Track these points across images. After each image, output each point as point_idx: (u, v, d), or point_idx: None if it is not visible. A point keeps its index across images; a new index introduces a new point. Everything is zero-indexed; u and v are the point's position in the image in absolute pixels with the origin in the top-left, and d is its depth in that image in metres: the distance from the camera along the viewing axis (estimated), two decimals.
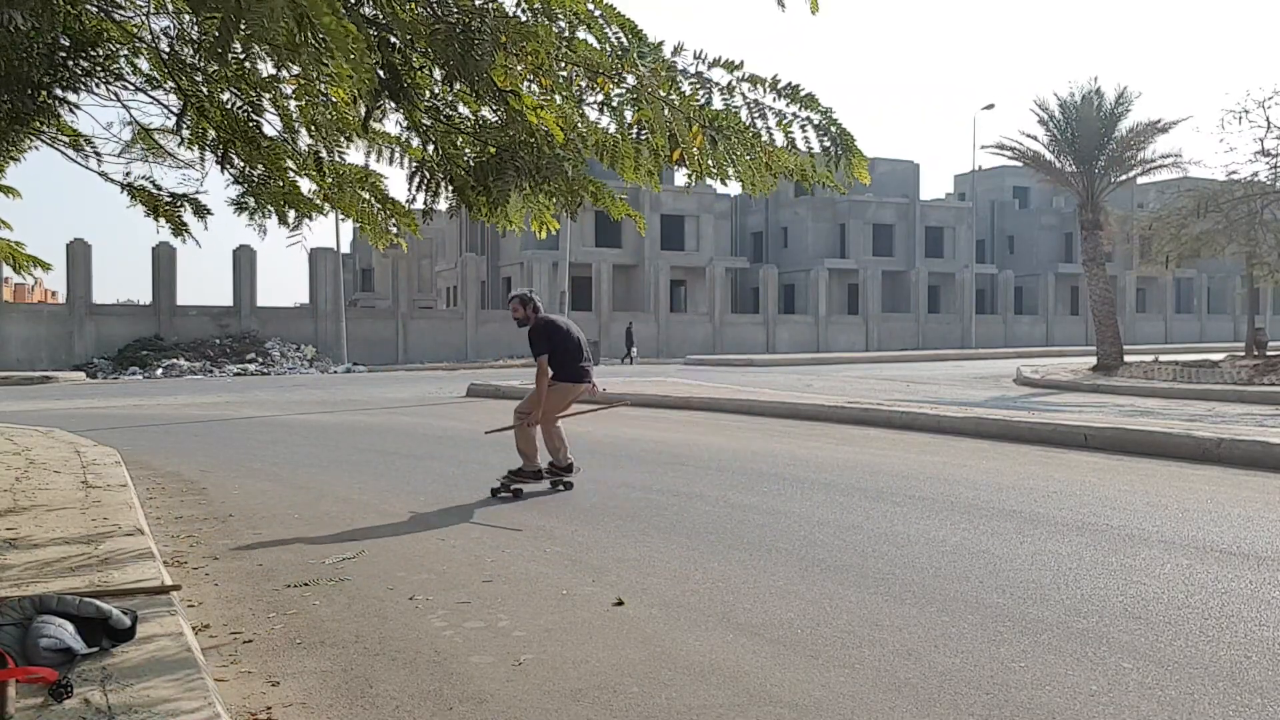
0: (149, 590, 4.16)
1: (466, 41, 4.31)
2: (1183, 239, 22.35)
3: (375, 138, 6.27)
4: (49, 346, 32.30)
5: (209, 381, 27.78)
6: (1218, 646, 3.67)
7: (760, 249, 54.94)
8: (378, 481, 8.08)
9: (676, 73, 4.93)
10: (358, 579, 4.89)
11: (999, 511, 6.32)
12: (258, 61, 5.53)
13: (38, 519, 5.85)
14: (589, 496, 7.19)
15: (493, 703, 3.27)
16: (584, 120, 5.47)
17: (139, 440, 11.49)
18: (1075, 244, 49.40)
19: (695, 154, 4.99)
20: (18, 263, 9.75)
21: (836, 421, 12.72)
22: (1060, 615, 4.08)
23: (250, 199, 6.47)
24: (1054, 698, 3.21)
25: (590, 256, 43.97)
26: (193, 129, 6.07)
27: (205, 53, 5.15)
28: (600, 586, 4.66)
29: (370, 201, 6.96)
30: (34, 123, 5.87)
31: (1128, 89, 25.53)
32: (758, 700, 3.25)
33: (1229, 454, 8.45)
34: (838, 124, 5.03)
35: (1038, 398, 17.33)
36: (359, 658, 3.75)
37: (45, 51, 5.29)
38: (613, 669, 3.56)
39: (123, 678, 3.15)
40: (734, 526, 5.99)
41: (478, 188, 5.76)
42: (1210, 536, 5.49)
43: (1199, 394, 16.41)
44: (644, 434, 11.53)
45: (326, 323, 36.20)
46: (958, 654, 3.64)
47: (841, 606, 4.27)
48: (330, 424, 13.52)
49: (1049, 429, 10.26)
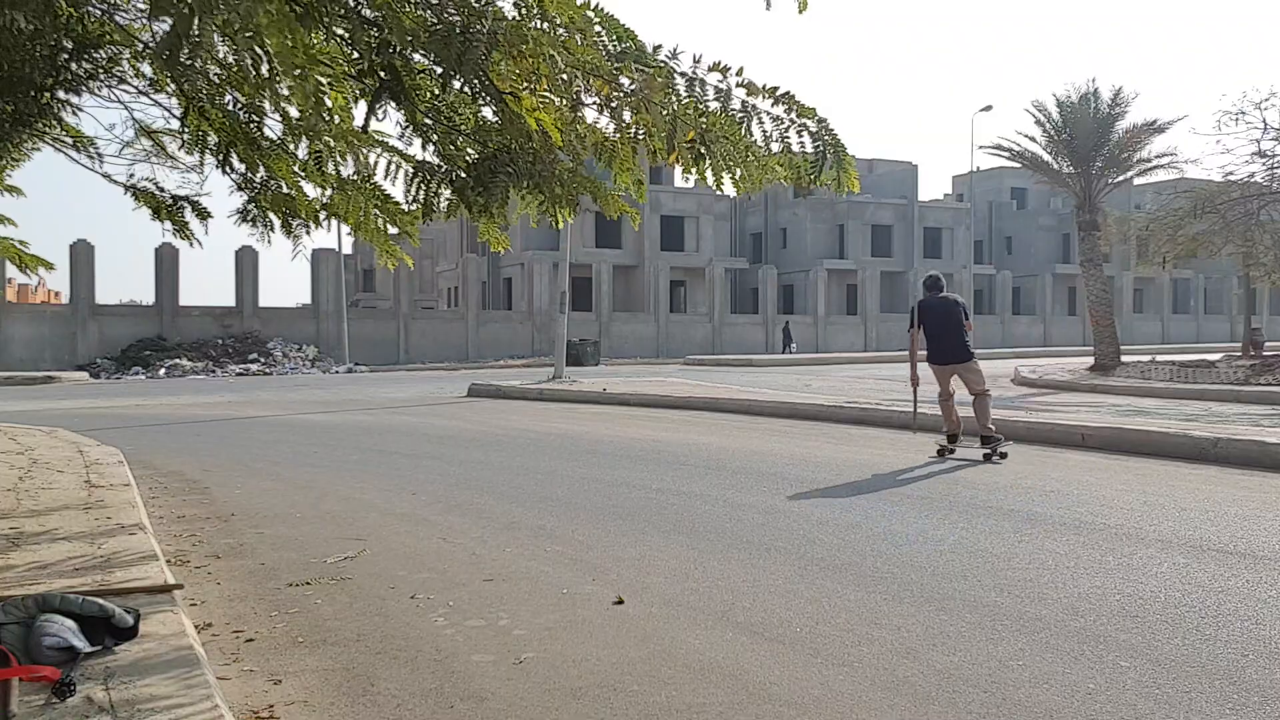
0: (151, 589, 4.18)
1: (465, 43, 4.33)
2: (1179, 240, 22.34)
3: (374, 138, 6.28)
4: (52, 346, 32.31)
5: (211, 381, 27.79)
6: (1215, 645, 3.69)
7: (759, 249, 54.95)
8: (379, 481, 8.10)
9: (674, 75, 4.95)
10: (359, 578, 4.92)
11: (997, 511, 6.34)
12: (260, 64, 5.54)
13: (41, 518, 5.87)
14: (589, 496, 7.21)
15: (493, 701, 3.30)
16: (582, 122, 5.50)
17: (142, 440, 11.50)
18: (1073, 245, 49.30)
19: (690, 157, 5.03)
20: (22, 262, 9.77)
21: (835, 421, 12.74)
22: (1058, 614, 4.10)
23: (253, 207, 6.49)
24: (1052, 696, 3.23)
25: (590, 257, 43.99)
26: (194, 132, 6.08)
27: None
28: (600, 585, 4.68)
29: (372, 211, 6.96)
30: (37, 124, 5.89)
31: (1124, 90, 25.46)
32: (757, 698, 3.27)
33: (1226, 453, 8.47)
34: (832, 133, 5.06)
35: (1035, 397, 17.34)
36: (360, 656, 3.77)
37: (48, 54, 5.31)
38: (613, 667, 3.58)
39: (125, 676, 3.17)
40: (734, 526, 6.01)
41: (476, 188, 5.78)
42: (1207, 535, 5.51)
43: (1196, 394, 16.42)
44: (644, 434, 11.56)
45: (328, 323, 36.23)
46: (956, 652, 3.66)
47: (840, 605, 4.29)
48: (332, 424, 13.54)
49: (1046, 428, 10.28)
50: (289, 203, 6.56)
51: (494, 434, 11.93)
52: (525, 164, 5.51)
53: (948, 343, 9.17)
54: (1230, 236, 22.03)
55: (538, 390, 18.82)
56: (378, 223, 6.97)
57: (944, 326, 9.15)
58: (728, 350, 42.43)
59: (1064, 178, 25.07)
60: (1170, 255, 23.02)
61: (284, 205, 6.55)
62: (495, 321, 40.03)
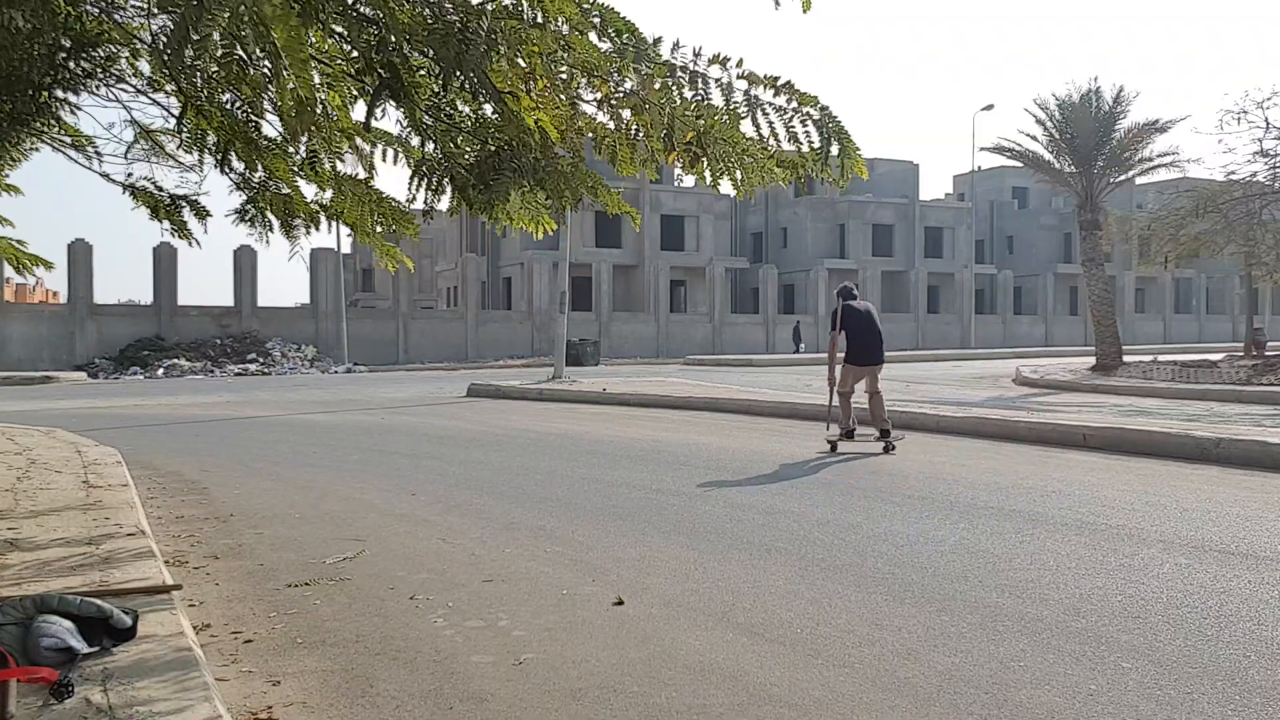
0: (150, 590, 4.17)
1: (464, 41, 4.32)
2: (1181, 239, 22.32)
3: (373, 138, 6.27)
4: (50, 346, 32.30)
5: (210, 381, 27.78)
6: (1216, 646, 3.68)
7: (760, 249, 54.94)
8: (378, 481, 8.09)
9: (675, 71, 4.94)
10: (358, 578, 4.90)
11: (998, 511, 6.33)
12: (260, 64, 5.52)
13: (39, 519, 5.86)
14: (589, 496, 7.20)
15: (493, 702, 3.28)
16: (583, 118, 5.48)
17: (140, 440, 11.49)
18: (1074, 244, 49.34)
19: (688, 157, 5.02)
20: (20, 261, 9.75)
21: (836, 421, 12.69)
22: (1059, 615, 4.09)
23: (251, 207, 6.47)
24: (1053, 697, 3.22)
25: (590, 257, 43.99)
26: (192, 131, 6.07)
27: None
28: (600, 586, 4.67)
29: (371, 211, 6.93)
30: (35, 124, 5.87)
31: (1125, 89, 25.52)
32: (757, 699, 3.25)
33: (1227, 454, 8.45)
34: (835, 120, 5.04)
35: (1037, 398, 17.33)
36: (360, 657, 3.76)
37: (46, 53, 5.29)
38: (613, 668, 3.57)
39: (124, 677, 3.16)
40: (734, 526, 6.00)
41: (478, 186, 5.77)
42: (1209, 536, 5.50)
43: (1197, 394, 16.41)
44: (644, 434, 11.54)
45: (327, 323, 36.22)
46: (957, 653, 3.65)
47: (841, 606, 4.28)
48: (331, 424, 13.53)
49: (1048, 429, 10.27)
50: (287, 202, 6.54)
51: (494, 434, 11.91)
52: (527, 162, 5.50)
53: (872, 346, 9.78)
54: (1232, 236, 22.01)
55: (537, 390, 18.81)
56: (375, 225, 6.95)
57: (868, 331, 9.76)
58: (728, 350, 42.42)
59: (1065, 177, 25.05)
60: (1172, 255, 23.01)
61: (282, 205, 6.54)
62: (495, 321, 40.02)
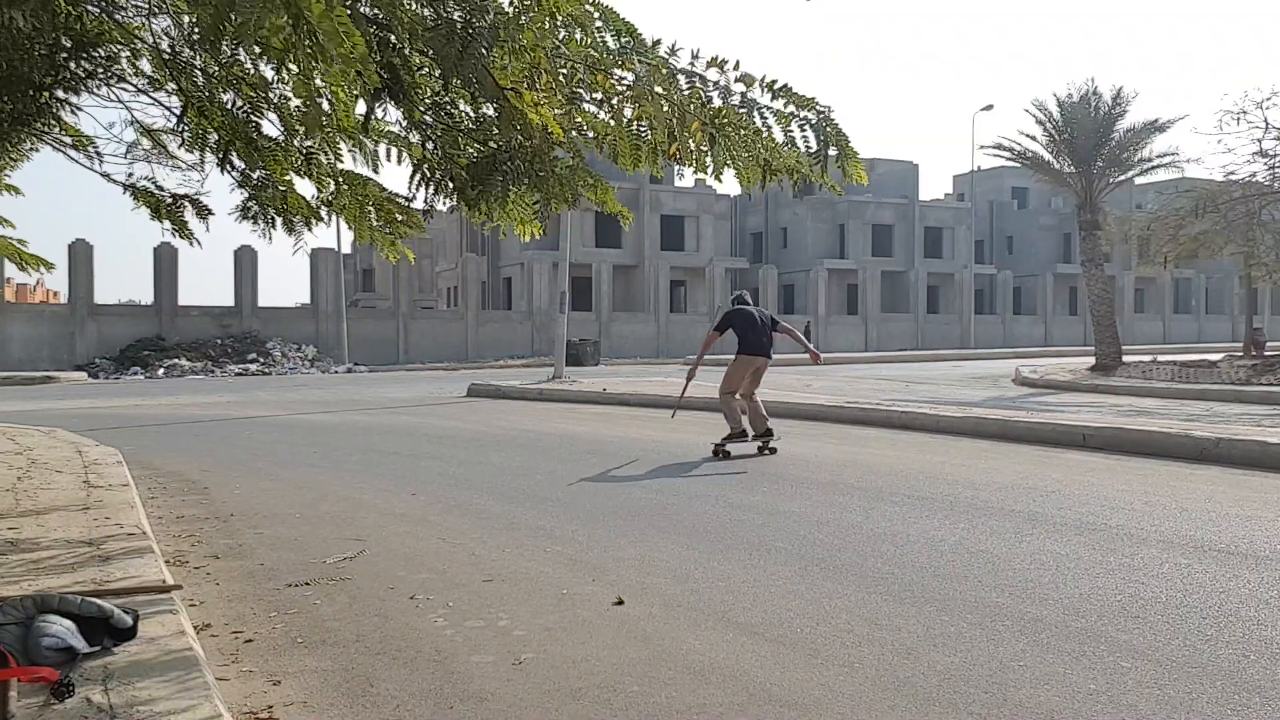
0: (150, 589, 4.17)
1: (465, 40, 4.32)
2: (1181, 239, 22.32)
3: (374, 136, 6.27)
4: (51, 346, 32.28)
5: (210, 381, 27.78)
6: (1216, 645, 3.68)
7: (760, 249, 54.93)
8: (378, 481, 8.09)
9: (675, 70, 4.94)
10: (358, 578, 4.91)
11: (998, 511, 6.33)
12: (259, 63, 5.53)
13: (39, 518, 5.86)
14: (589, 496, 7.20)
15: (493, 702, 3.29)
16: (583, 115, 5.48)
17: (140, 440, 11.50)
18: (1074, 244, 49.34)
19: (692, 150, 5.01)
20: (21, 261, 9.76)
21: (836, 421, 12.73)
22: (1059, 614, 4.09)
23: (254, 204, 6.48)
24: (1053, 696, 3.22)
25: (590, 257, 43.98)
26: (193, 130, 6.07)
27: (197, 45, 5.16)
28: (600, 586, 4.67)
29: (372, 211, 6.93)
30: (36, 124, 5.87)
31: (1125, 89, 25.58)
32: (757, 699, 3.26)
33: (1227, 454, 8.46)
34: (833, 123, 5.04)
35: (1036, 398, 17.33)
36: (360, 657, 3.76)
37: (46, 53, 5.30)
38: (613, 668, 3.57)
39: (124, 677, 3.16)
40: (733, 526, 6.00)
41: (477, 185, 5.77)
42: (1208, 536, 5.50)
43: (1197, 394, 16.41)
44: (644, 434, 11.55)
45: (328, 323, 36.21)
46: (957, 653, 3.65)
47: (841, 606, 4.28)
48: (331, 424, 13.53)
49: (1047, 429, 10.27)
50: (287, 199, 6.55)
51: (494, 434, 11.92)
52: (524, 162, 5.50)
53: (761, 339, 10.17)
54: (1232, 236, 22.02)
55: (537, 390, 18.81)
56: (374, 221, 6.95)
57: (755, 328, 10.14)
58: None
59: (1065, 177, 25.06)
60: (1171, 255, 23.00)
61: (283, 202, 6.54)
62: (495, 321, 40.01)
